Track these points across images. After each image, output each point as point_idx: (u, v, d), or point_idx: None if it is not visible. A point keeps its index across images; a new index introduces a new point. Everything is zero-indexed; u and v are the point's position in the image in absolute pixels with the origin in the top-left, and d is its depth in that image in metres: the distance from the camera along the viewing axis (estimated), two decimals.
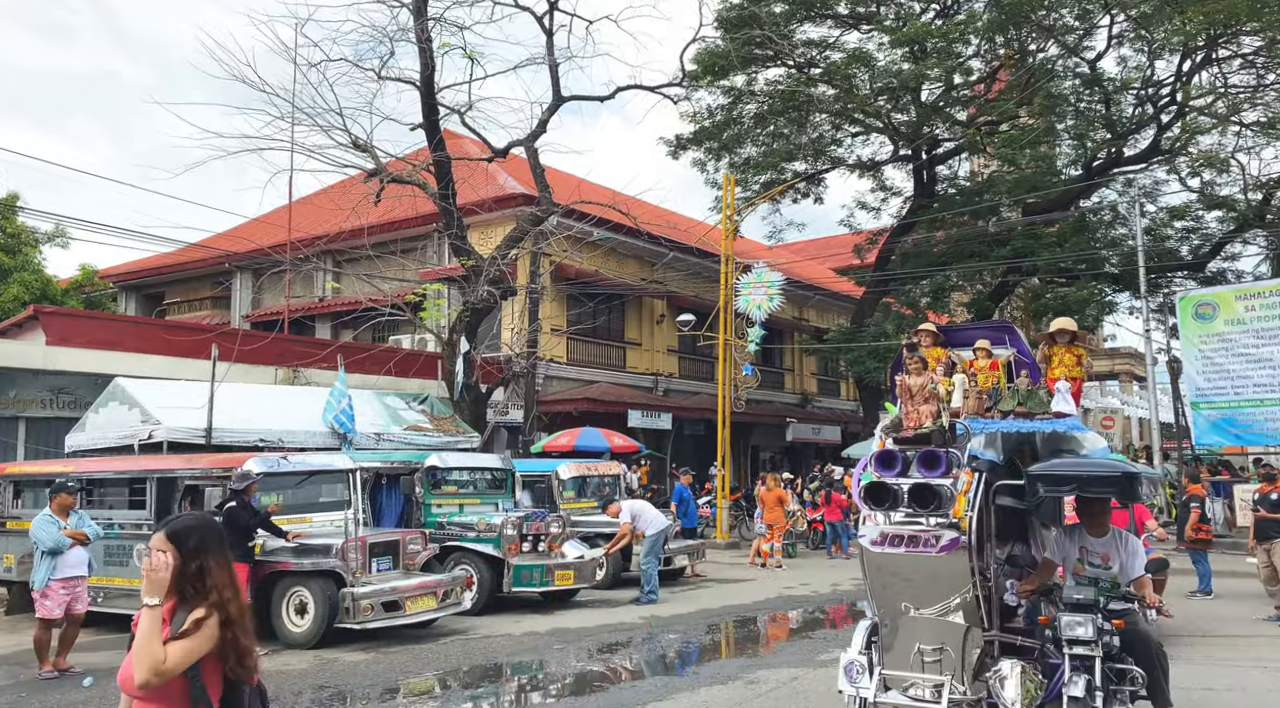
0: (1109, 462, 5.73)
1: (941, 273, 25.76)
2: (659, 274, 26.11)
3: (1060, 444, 6.05)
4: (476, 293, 17.82)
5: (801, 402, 32.52)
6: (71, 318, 18.22)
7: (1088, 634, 5.15)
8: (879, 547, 5.51)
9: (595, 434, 20.17)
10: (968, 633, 5.36)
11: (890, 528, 5.59)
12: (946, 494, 5.37)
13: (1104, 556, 5.72)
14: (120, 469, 11.52)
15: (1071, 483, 5.32)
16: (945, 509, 5.39)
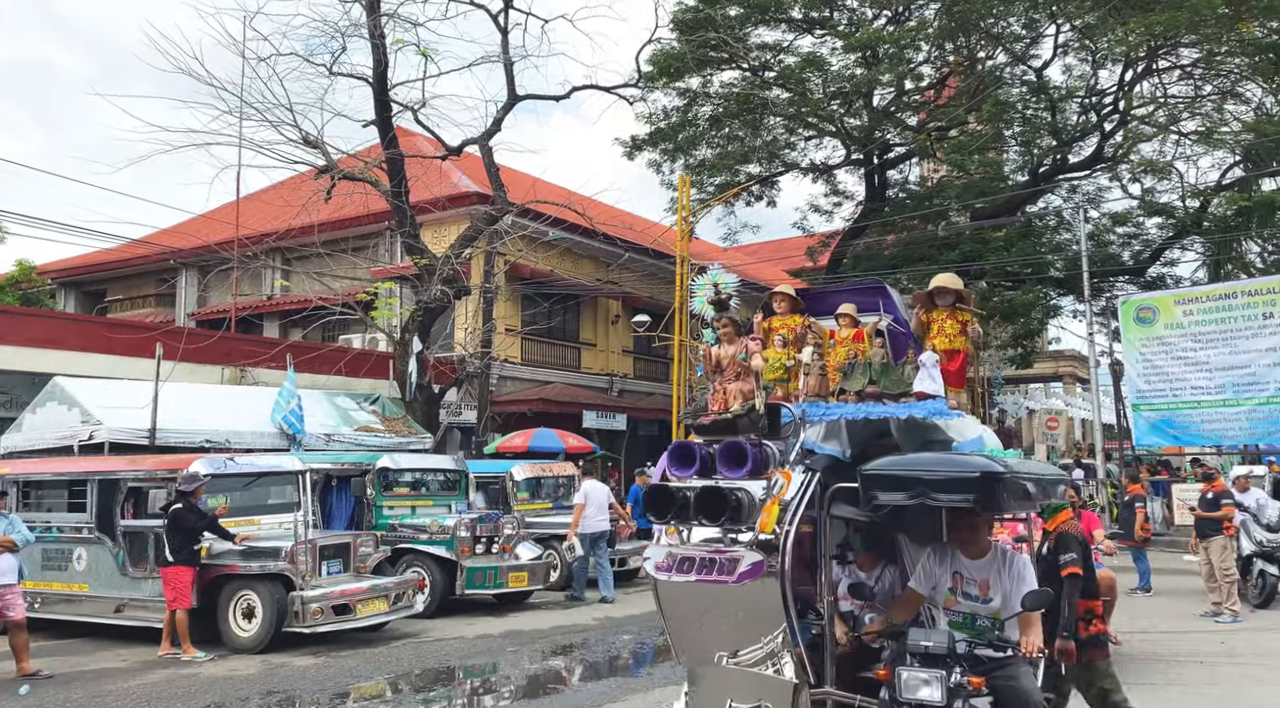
0: (961, 459, 4.29)
1: (892, 276, 26.11)
2: (614, 275, 26.08)
3: (927, 435, 4.85)
4: (429, 292, 17.62)
5: None
6: (7, 315, 17.62)
7: (934, 698, 3.90)
8: (665, 573, 4.30)
9: (550, 435, 20.06)
10: (798, 691, 4.21)
11: (680, 548, 4.36)
12: (745, 502, 4.17)
13: (982, 584, 4.38)
14: (59, 471, 11.19)
15: (912, 488, 4.03)
16: (745, 521, 4.19)
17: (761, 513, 4.20)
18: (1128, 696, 5.68)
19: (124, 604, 10.14)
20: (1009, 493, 4.02)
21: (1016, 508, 4.50)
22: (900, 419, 4.75)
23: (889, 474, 4.13)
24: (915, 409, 4.76)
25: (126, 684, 8.33)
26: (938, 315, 5.74)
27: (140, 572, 10.06)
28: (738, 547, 4.24)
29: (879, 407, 4.78)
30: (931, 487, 3.97)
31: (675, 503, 4.25)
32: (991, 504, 4.08)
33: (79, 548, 10.41)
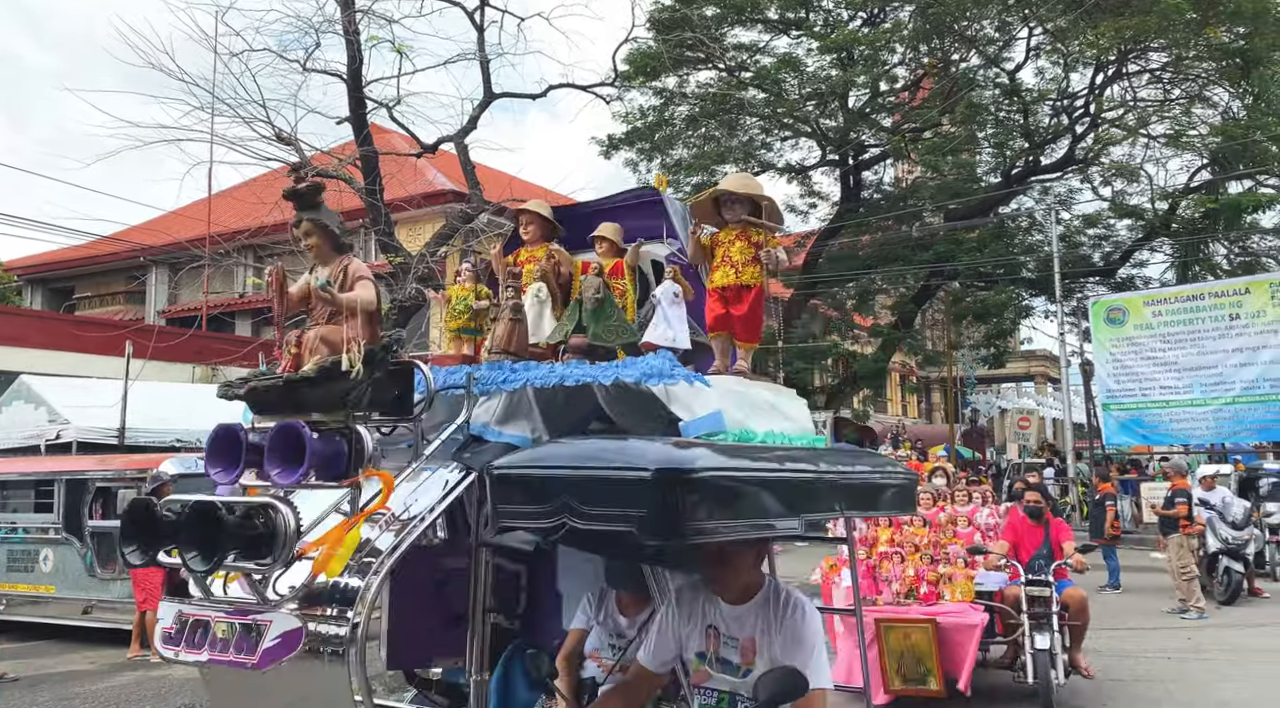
0: (635, 449, 2.61)
1: (867, 276, 26.30)
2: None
3: (646, 410, 3.01)
4: (405, 290, 17.51)
5: None
6: None
7: None
8: (171, 648, 2.71)
9: None
10: None
11: (193, 605, 2.72)
12: (280, 527, 2.46)
13: (745, 645, 2.80)
14: (25, 471, 11.02)
15: (549, 500, 2.53)
16: (276, 558, 2.46)
17: (322, 545, 2.51)
18: None
19: (92, 606, 10.00)
20: (717, 507, 2.36)
21: (752, 532, 2.64)
22: (606, 387, 3.05)
23: (519, 475, 2.63)
24: (623, 370, 3.07)
25: (95, 687, 8.22)
26: (724, 237, 3.86)
27: (109, 573, 9.93)
28: (273, 604, 2.57)
29: (576, 367, 3.17)
30: (578, 497, 2.42)
31: (159, 528, 2.57)
32: (674, 528, 2.33)
33: (46, 549, 10.26)
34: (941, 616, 6.72)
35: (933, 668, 6.61)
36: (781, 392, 3.79)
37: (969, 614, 6.81)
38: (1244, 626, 10.70)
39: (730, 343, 3.81)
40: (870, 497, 3.32)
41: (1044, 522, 7.64)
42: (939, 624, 6.62)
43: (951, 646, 6.66)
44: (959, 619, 6.73)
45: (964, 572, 7.21)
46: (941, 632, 6.61)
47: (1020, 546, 7.53)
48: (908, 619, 6.75)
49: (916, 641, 6.65)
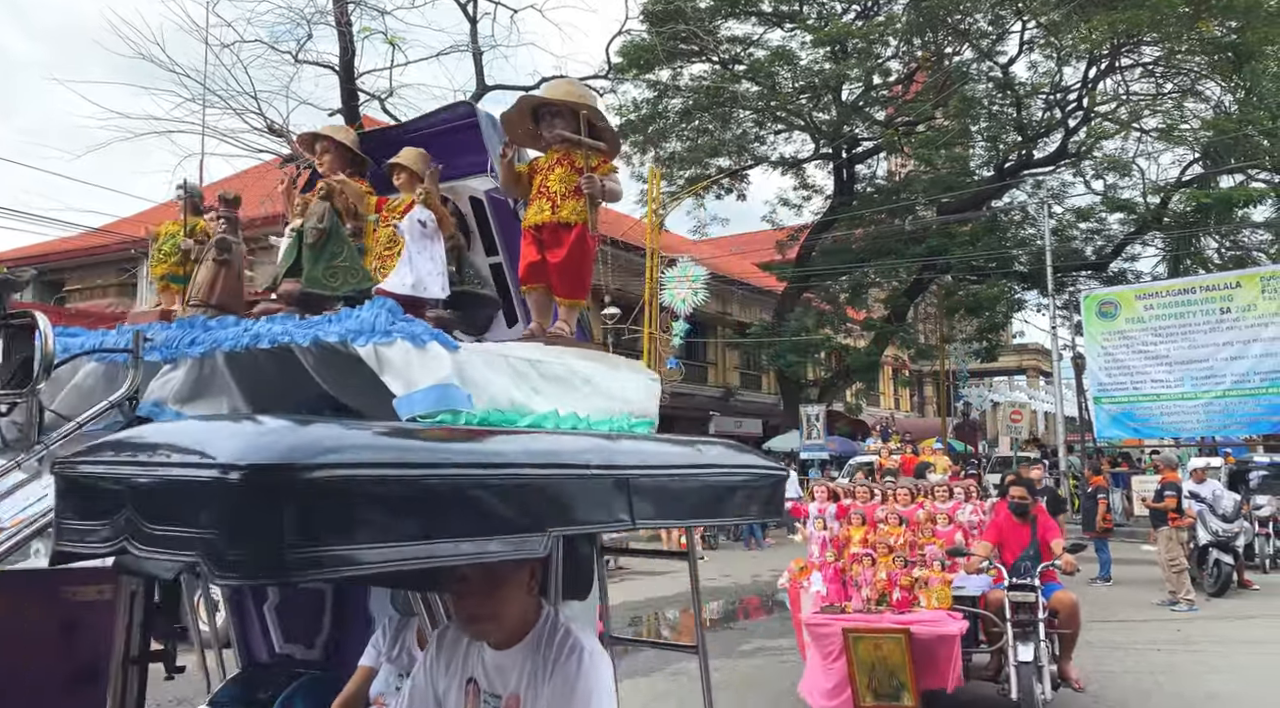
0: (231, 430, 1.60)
1: (860, 269, 26.34)
2: None
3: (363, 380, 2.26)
4: None
5: (724, 395, 32.86)
6: None
7: None
8: None
9: None
10: None
11: None
12: None
13: (509, 705, 2.12)
14: None
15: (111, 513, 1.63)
16: None
17: None
18: None
19: None
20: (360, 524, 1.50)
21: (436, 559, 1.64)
22: (306, 349, 2.33)
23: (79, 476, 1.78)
24: (327, 326, 2.30)
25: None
26: (544, 163, 2.98)
27: None
28: None
29: (275, 323, 2.41)
30: (140, 509, 1.58)
31: None
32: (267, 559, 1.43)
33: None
34: (916, 624, 6.16)
35: (906, 682, 6.05)
36: (617, 364, 2.85)
37: (946, 623, 6.21)
38: (1233, 618, 10.77)
39: (549, 297, 2.93)
40: (698, 501, 2.39)
41: (1031, 520, 6.95)
42: (912, 634, 6.05)
43: (928, 657, 6.11)
44: (935, 628, 6.14)
45: (941, 576, 6.58)
46: (916, 643, 6.05)
47: (1005, 546, 6.87)
48: (878, 629, 6.19)
49: (888, 652, 6.08)
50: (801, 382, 27.81)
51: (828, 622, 6.45)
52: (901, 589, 6.57)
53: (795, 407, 25.55)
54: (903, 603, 6.51)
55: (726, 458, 2.57)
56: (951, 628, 6.15)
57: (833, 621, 6.43)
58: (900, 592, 6.57)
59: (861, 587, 6.76)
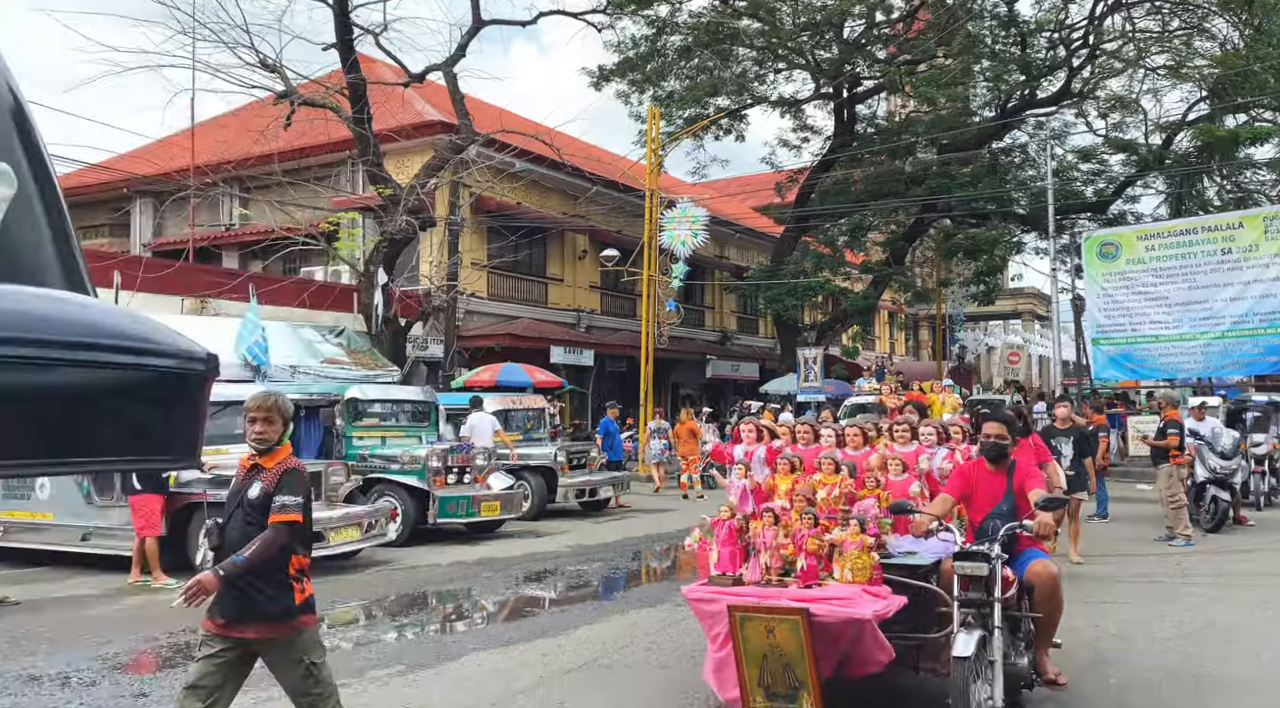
0: None
1: (859, 212, 26.15)
2: (582, 208, 25.79)
3: None
4: (394, 223, 17.30)
5: (721, 339, 32.88)
6: None
7: None
8: None
9: (517, 369, 20.02)
10: None
11: None
12: None
13: None
14: None
15: None
16: None
17: None
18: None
19: (90, 532, 10.02)
20: None
21: None
22: None
23: None
24: None
25: (99, 610, 8.27)
26: None
27: (106, 500, 9.93)
28: None
29: None
30: None
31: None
32: None
33: (41, 477, 10.23)
34: (818, 603, 4.66)
35: (806, 679, 4.57)
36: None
37: (860, 601, 4.68)
38: (1229, 552, 10.93)
39: None
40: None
41: (1008, 468, 5.27)
42: (811, 616, 4.54)
43: (833, 646, 4.68)
44: (842, 609, 4.62)
45: (861, 540, 4.96)
46: (817, 627, 4.54)
47: (973, 500, 5.32)
48: (770, 609, 4.67)
49: (782, 639, 4.57)
50: (799, 325, 27.79)
51: (712, 596, 5.02)
52: (809, 556, 5.05)
53: (792, 350, 25.58)
54: (810, 574, 5.02)
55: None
56: (863, 609, 4.60)
57: (717, 595, 5.00)
58: (806, 559, 5.06)
59: (760, 551, 5.22)
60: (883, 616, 4.66)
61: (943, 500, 5.25)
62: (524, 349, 22.42)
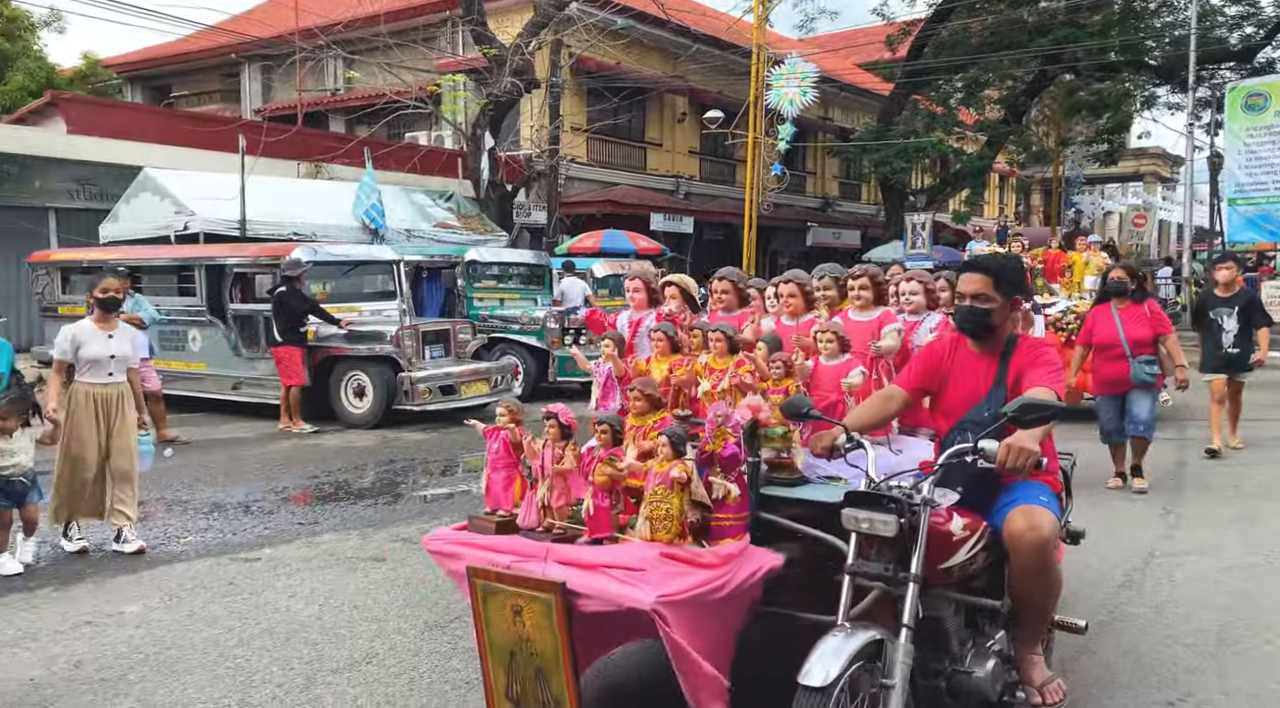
0: None
1: (976, 66, 24.61)
2: (682, 68, 24.99)
3: None
4: (499, 84, 17.11)
5: (822, 205, 32.07)
6: (91, 105, 17.62)
7: None
8: None
9: (620, 236, 20.00)
10: None
11: None
12: None
13: None
14: (168, 257, 11.52)
15: None
16: None
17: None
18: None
19: (240, 382, 10.67)
20: None
21: None
22: None
23: None
24: None
25: (258, 451, 8.89)
26: None
27: (253, 352, 10.51)
28: None
29: None
30: None
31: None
32: None
33: (193, 330, 10.86)
34: (595, 571, 2.91)
35: (564, 697, 2.93)
36: None
37: (660, 571, 2.85)
38: None
39: None
40: None
41: (1001, 350, 3.30)
42: (571, 593, 2.86)
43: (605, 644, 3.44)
44: (620, 588, 2.82)
45: (670, 470, 3.00)
46: (580, 613, 2.89)
47: (941, 398, 3.44)
48: (518, 578, 2.98)
49: (532, 627, 2.96)
50: (906, 189, 26.82)
51: (454, 550, 3.27)
52: (596, 492, 3.15)
53: (897, 216, 24.78)
54: (598, 520, 3.14)
55: None
56: (645, 588, 2.77)
57: (462, 548, 3.25)
58: (594, 498, 3.15)
59: (540, 479, 3.32)
60: (689, 598, 2.77)
61: (882, 400, 3.49)
62: (624, 216, 22.34)
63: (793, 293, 4.41)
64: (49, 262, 12.26)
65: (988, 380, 3.26)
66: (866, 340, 4.03)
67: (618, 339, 4.35)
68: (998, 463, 2.77)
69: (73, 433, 5.41)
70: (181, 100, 27.19)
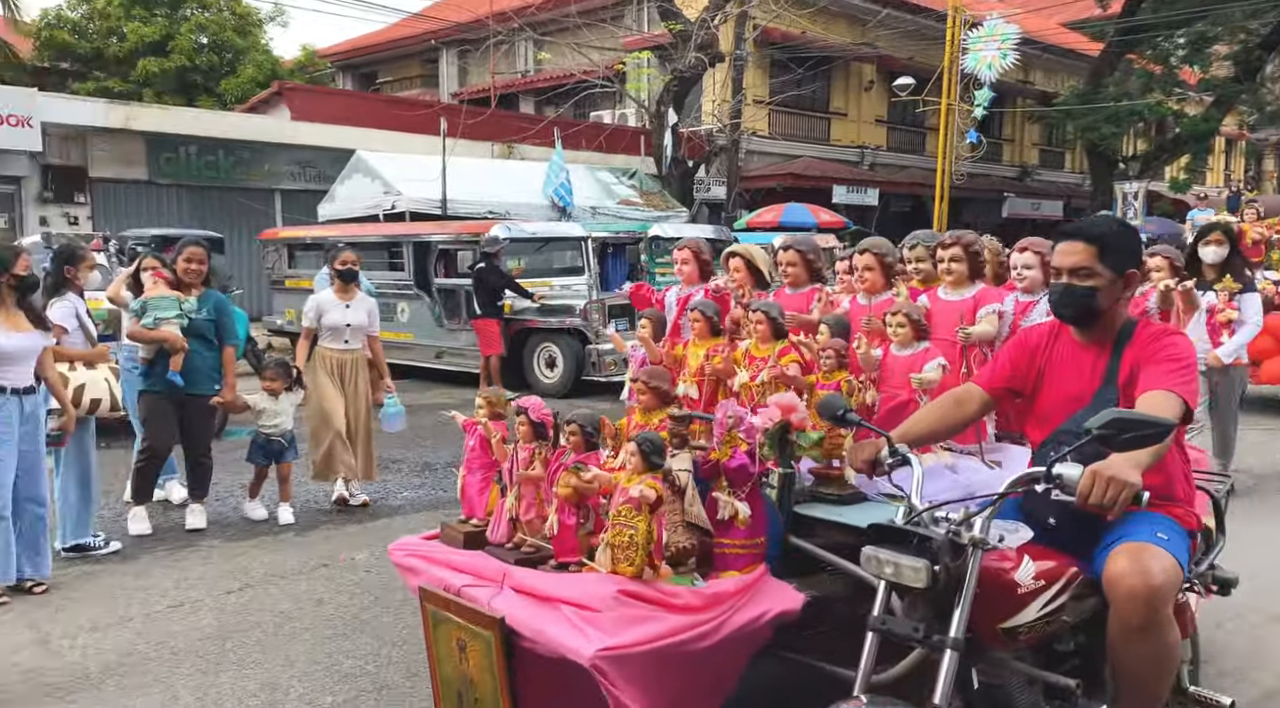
0: None
1: (1203, 19, 22.36)
2: (870, 35, 24.19)
3: None
4: (684, 59, 17.18)
5: (1020, 174, 30.29)
6: (311, 94, 19.17)
7: None
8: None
9: (801, 210, 19.68)
10: None
11: None
12: None
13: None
14: (379, 234, 12.38)
15: None
16: None
17: None
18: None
19: (443, 352, 11.36)
20: None
21: None
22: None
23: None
24: None
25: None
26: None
27: (454, 324, 11.16)
28: None
29: None
30: None
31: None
32: None
33: (401, 302, 11.65)
34: (542, 603, 2.43)
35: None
36: None
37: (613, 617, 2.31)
38: None
39: None
40: None
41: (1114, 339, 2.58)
42: (509, 631, 2.41)
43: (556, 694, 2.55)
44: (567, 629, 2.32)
45: (635, 488, 2.42)
46: (522, 655, 2.43)
47: (1037, 400, 2.70)
48: (463, 608, 2.56)
49: (475, 666, 2.55)
50: (1115, 156, 24.86)
51: (412, 563, 2.87)
52: (561, 506, 2.64)
53: (1105, 185, 23.05)
54: (564, 541, 2.65)
55: None
56: (627, 633, 2.28)
57: (421, 562, 2.85)
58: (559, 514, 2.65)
59: (510, 486, 2.85)
60: (646, 651, 2.26)
61: (952, 403, 2.77)
62: (805, 189, 21.98)
63: (869, 265, 3.68)
64: (277, 239, 13.48)
65: (1094, 379, 2.57)
66: (955, 325, 3.30)
67: (655, 319, 3.91)
68: (1078, 496, 2.06)
69: (320, 395, 5.87)
70: (386, 86, 29.01)
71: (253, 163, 16.69)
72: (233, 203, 16.55)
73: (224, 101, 21.84)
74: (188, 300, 5.34)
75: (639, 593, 2.35)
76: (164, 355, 5.23)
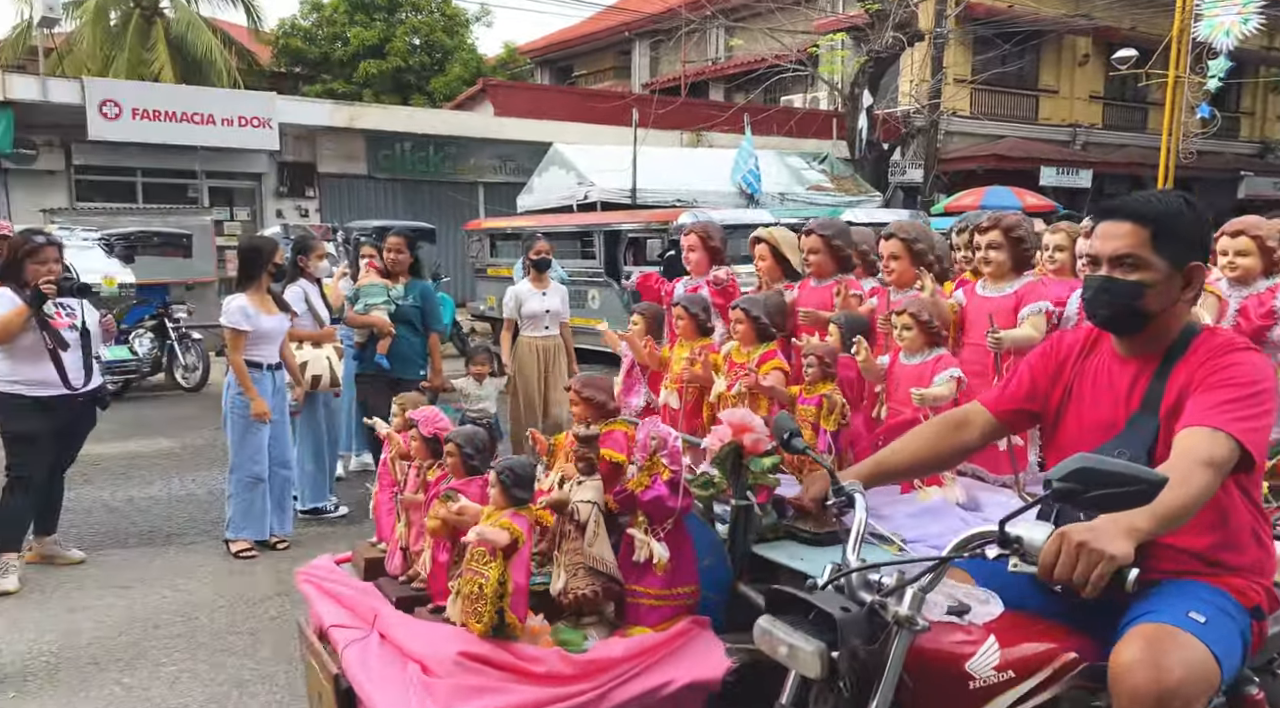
0: None
1: None
2: (1087, 5, 22.47)
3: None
4: (881, 39, 16.64)
5: (1260, 151, 27.28)
6: (512, 89, 20.09)
7: None
8: None
9: (1005, 193, 18.59)
10: None
11: None
12: None
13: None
14: (572, 224, 12.84)
15: None
16: None
17: None
18: None
19: None
20: None
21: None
22: None
23: None
24: None
25: None
26: None
27: None
28: None
29: None
30: None
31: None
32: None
33: (592, 290, 12.02)
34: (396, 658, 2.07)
35: None
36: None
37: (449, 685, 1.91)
38: None
39: None
40: None
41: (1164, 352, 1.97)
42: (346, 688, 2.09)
43: None
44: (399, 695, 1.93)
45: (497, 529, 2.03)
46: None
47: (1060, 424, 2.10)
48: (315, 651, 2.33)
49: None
50: None
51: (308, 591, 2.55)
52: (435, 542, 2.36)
53: None
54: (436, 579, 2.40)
55: None
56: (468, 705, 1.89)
57: (313, 591, 2.51)
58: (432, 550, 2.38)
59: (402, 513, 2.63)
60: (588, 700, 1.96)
61: (949, 427, 2.23)
62: (1009, 171, 20.79)
63: (894, 253, 3.09)
64: (480, 229, 14.25)
65: (1131, 403, 1.96)
66: (985, 327, 2.70)
67: (652, 314, 3.46)
68: (1039, 568, 1.54)
69: (523, 382, 6.13)
70: (580, 79, 29.89)
71: (459, 157, 17.70)
72: (442, 195, 17.64)
73: (433, 99, 23.24)
74: (395, 288, 5.74)
75: (486, 656, 1.92)
76: (374, 340, 5.66)
